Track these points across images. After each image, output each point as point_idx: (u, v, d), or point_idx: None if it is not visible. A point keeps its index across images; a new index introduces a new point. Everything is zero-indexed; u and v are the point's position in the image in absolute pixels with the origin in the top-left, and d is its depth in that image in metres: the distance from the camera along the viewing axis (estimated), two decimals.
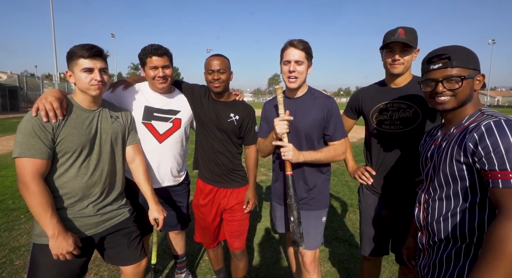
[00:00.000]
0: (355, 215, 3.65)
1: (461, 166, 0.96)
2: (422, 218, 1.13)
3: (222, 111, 1.79)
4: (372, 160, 1.74)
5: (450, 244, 1.00)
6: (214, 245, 1.99)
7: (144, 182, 1.60)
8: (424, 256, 1.13)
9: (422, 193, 1.16)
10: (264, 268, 2.51)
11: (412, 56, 1.56)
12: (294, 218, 1.51)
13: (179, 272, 2.25)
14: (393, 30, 1.53)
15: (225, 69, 1.72)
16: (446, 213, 1.01)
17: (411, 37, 1.50)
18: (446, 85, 1.02)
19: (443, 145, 1.06)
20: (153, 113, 1.76)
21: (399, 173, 1.62)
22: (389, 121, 1.62)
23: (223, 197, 1.85)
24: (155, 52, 1.64)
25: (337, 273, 2.45)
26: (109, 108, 1.52)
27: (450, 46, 1.05)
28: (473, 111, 1.03)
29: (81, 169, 1.36)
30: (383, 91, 1.68)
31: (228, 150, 1.82)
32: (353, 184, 4.86)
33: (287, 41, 1.61)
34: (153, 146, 1.77)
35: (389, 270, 2.44)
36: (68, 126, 1.31)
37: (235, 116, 1.79)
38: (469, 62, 1.01)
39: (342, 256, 2.69)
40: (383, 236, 1.74)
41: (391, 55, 1.55)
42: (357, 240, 2.99)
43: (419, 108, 1.55)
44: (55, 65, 23.29)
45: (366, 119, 1.76)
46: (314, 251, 1.69)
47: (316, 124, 1.60)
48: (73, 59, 1.33)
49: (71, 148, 1.32)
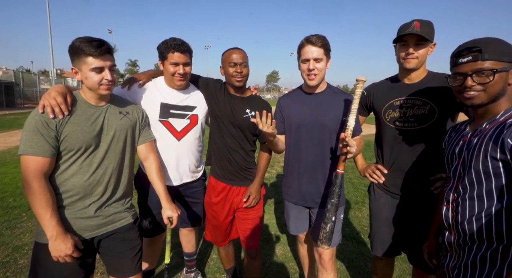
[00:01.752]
0: (360, 212, 3.64)
1: (496, 163, 0.92)
2: (451, 217, 1.08)
3: (238, 107, 1.74)
4: (384, 158, 1.68)
5: (484, 245, 0.96)
6: (225, 243, 1.95)
7: (157, 181, 1.55)
8: (453, 257, 1.09)
9: (450, 191, 1.12)
10: (273, 266, 2.49)
11: (427, 50, 1.48)
12: (336, 218, 1.44)
13: (188, 271, 2.22)
14: (408, 23, 1.47)
15: (246, 63, 1.68)
16: (479, 213, 0.97)
17: (427, 30, 1.43)
18: (476, 79, 0.97)
19: (474, 140, 1.01)
20: (169, 110, 1.71)
21: (413, 172, 1.56)
22: (402, 118, 1.56)
23: (236, 195, 1.81)
24: (178, 48, 1.57)
25: (346, 271, 2.43)
26: (118, 104, 1.45)
27: (482, 38, 1.00)
28: (509, 106, 0.98)
29: (83, 166, 1.31)
30: (397, 87, 1.61)
31: (242, 147, 1.77)
32: (356, 181, 4.84)
33: (304, 38, 1.55)
34: (171, 143, 1.73)
35: (399, 268, 2.42)
36: (72, 123, 1.27)
37: (251, 112, 1.73)
38: (503, 54, 0.95)
39: (351, 254, 2.67)
40: (396, 236, 1.68)
41: (404, 48, 1.49)
42: (365, 238, 2.98)
43: (435, 105, 1.48)
44: (51, 61, 23.04)
45: (377, 116, 1.70)
46: (332, 249, 1.67)
47: (339, 119, 1.58)
48: (81, 56, 1.25)
49: (75, 146, 1.27)
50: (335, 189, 1.43)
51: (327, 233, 1.44)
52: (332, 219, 1.43)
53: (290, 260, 2.57)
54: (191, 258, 2.17)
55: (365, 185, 4.62)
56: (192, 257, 2.17)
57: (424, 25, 1.44)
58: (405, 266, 2.45)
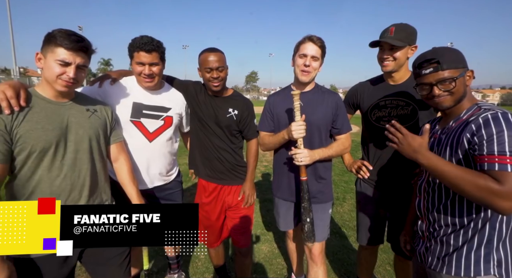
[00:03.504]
0: (342, 208, 3.80)
1: (459, 157, 1.04)
2: (423, 207, 1.21)
3: (220, 106, 1.75)
4: (369, 154, 1.80)
5: (449, 229, 1.10)
6: (218, 243, 1.96)
7: (129, 183, 1.46)
8: (424, 242, 1.22)
9: (422, 183, 1.24)
10: (261, 263, 2.53)
11: (405, 53, 1.56)
12: (310, 218, 1.56)
13: (172, 273, 2.20)
14: (386, 28, 1.57)
15: (223, 66, 1.66)
16: (446, 201, 1.10)
17: (401, 35, 1.51)
18: (441, 87, 1.09)
19: (442, 137, 1.14)
20: (142, 111, 1.64)
21: (395, 167, 1.68)
22: (387, 118, 1.66)
23: (228, 194, 1.83)
24: (143, 47, 1.48)
25: (331, 264, 2.54)
26: (83, 102, 1.33)
27: (437, 49, 1.12)
28: (470, 106, 1.10)
29: (52, 169, 1.18)
30: (382, 88, 1.71)
31: (230, 146, 1.80)
32: (337, 178, 5.05)
33: (306, 35, 1.61)
34: (142, 144, 1.66)
35: (379, 258, 2.56)
36: (29, 121, 1.13)
37: (234, 111, 1.76)
38: (457, 62, 1.08)
39: (335, 247, 2.79)
40: (379, 226, 1.84)
41: (381, 53, 1.61)
42: (347, 231, 3.12)
43: (417, 106, 1.59)
44: (13, 59, 21.34)
45: (363, 115, 1.80)
46: (321, 243, 1.75)
47: (327, 118, 1.66)
48: (51, 44, 1.13)
49: (36, 146, 1.14)
50: (303, 194, 1.57)
51: (307, 232, 1.57)
52: (307, 220, 1.56)
53: (278, 257, 2.63)
54: (174, 261, 2.15)
55: (345, 182, 4.84)
56: (175, 260, 2.15)
57: (399, 31, 1.53)
58: (385, 256, 2.62)
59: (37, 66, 1.20)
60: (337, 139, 1.72)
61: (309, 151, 1.57)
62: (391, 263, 2.51)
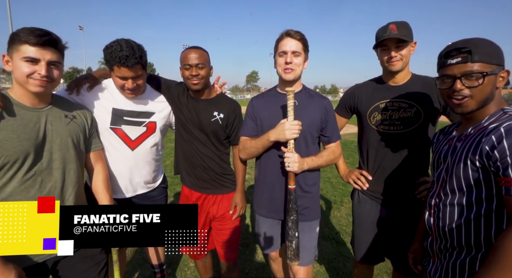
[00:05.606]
0: (339, 212, 3.69)
1: (475, 170, 0.89)
2: (433, 223, 1.07)
3: (204, 110, 1.63)
4: (368, 162, 1.64)
5: (463, 252, 0.95)
6: (203, 255, 1.85)
7: (102, 191, 1.38)
8: (435, 262, 1.08)
9: (432, 196, 1.09)
10: (253, 272, 2.43)
11: (409, 50, 1.47)
12: (298, 233, 1.41)
13: None
14: (384, 27, 1.46)
15: (204, 64, 1.54)
16: (458, 219, 0.95)
17: (404, 31, 1.42)
18: (465, 82, 0.92)
19: (458, 145, 0.99)
20: (122, 117, 1.52)
21: (398, 176, 1.53)
22: (388, 121, 1.52)
23: (212, 204, 1.72)
24: (124, 62, 1.33)
25: (326, 272, 2.43)
26: (61, 106, 1.25)
27: (472, 38, 0.95)
28: (495, 111, 0.94)
29: (26, 181, 1.11)
30: (382, 89, 1.58)
31: (215, 153, 1.67)
32: (335, 180, 4.92)
33: (283, 31, 1.47)
34: (124, 153, 1.55)
35: (376, 267, 2.46)
36: (4, 130, 1.06)
37: (219, 115, 1.63)
38: (493, 56, 0.92)
39: (330, 254, 2.68)
40: (380, 243, 1.65)
41: (386, 52, 1.47)
42: (343, 238, 3.01)
43: (421, 108, 1.46)
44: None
45: (361, 118, 1.65)
46: (308, 267, 1.59)
47: (314, 124, 1.51)
48: (15, 42, 1.06)
49: (11, 157, 1.06)
50: (291, 205, 1.41)
51: (294, 250, 1.42)
52: (296, 235, 1.41)
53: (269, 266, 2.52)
54: (159, 269, 2.03)
55: (343, 184, 4.71)
56: (160, 268, 2.03)
57: (401, 27, 1.43)
58: (382, 264, 2.50)
59: (6, 69, 1.11)
60: (326, 147, 1.57)
61: (300, 158, 1.42)
62: (389, 272, 2.41)
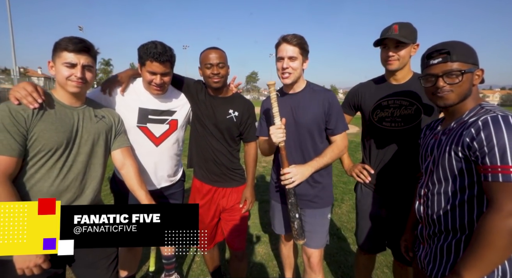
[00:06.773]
0: (340, 209, 3.77)
1: (459, 160, 1.00)
2: (423, 211, 1.17)
3: (220, 107, 1.73)
4: (371, 157, 1.73)
5: (450, 235, 1.05)
6: (211, 246, 1.93)
7: (138, 187, 1.45)
8: (424, 247, 1.18)
9: (422, 186, 1.20)
10: (257, 266, 2.51)
11: (409, 51, 1.53)
12: (299, 214, 1.51)
13: (167, 274, 2.17)
14: (388, 27, 1.54)
15: (224, 63, 1.65)
16: (445, 206, 1.06)
17: (406, 32, 1.49)
18: (446, 80, 1.04)
19: (443, 139, 1.09)
20: (148, 116, 1.64)
21: (399, 170, 1.62)
22: (390, 118, 1.60)
23: (222, 197, 1.80)
24: (158, 57, 1.47)
25: (328, 266, 2.51)
26: (93, 107, 1.40)
27: (449, 41, 1.08)
28: (473, 106, 1.05)
29: (53, 170, 1.21)
30: (384, 87, 1.66)
31: (227, 149, 1.76)
32: (335, 179, 4.99)
33: (280, 36, 1.55)
34: (149, 149, 1.67)
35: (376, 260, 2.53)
36: (45, 121, 1.19)
37: (234, 113, 1.73)
38: (468, 56, 1.04)
39: (332, 249, 2.76)
40: (381, 234, 1.75)
41: (386, 51, 1.56)
42: (344, 233, 3.09)
43: (420, 106, 1.54)
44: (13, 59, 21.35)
45: (365, 116, 1.73)
46: (320, 250, 1.68)
47: (317, 118, 1.58)
48: (57, 51, 1.24)
49: (46, 146, 1.18)
50: (289, 190, 1.51)
51: (297, 229, 1.51)
52: (296, 216, 1.51)
53: (274, 259, 2.60)
54: (170, 260, 2.12)
55: (343, 183, 4.79)
56: (171, 260, 2.12)
57: (403, 28, 1.50)
58: (382, 258, 2.58)
59: (51, 73, 1.28)
60: (331, 140, 1.64)
61: (299, 167, 1.51)
62: (389, 265, 2.48)
